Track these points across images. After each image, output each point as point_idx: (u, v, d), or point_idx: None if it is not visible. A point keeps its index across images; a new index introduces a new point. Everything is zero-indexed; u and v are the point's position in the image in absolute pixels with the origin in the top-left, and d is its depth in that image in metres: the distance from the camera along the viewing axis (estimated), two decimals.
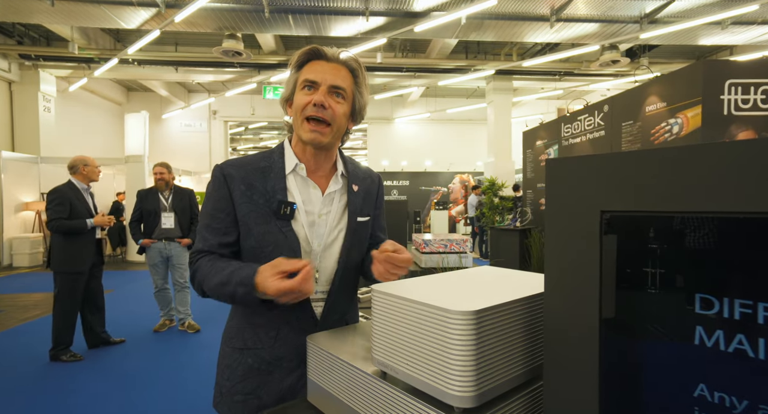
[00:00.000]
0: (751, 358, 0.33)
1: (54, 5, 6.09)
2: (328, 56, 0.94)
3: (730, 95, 2.47)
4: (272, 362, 0.92)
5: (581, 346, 0.42)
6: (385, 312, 0.57)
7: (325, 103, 0.89)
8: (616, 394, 0.41)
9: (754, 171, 0.32)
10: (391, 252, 0.87)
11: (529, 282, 0.64)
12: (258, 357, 0.92)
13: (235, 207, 0.92)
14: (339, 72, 0.93)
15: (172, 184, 3.96)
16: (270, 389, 0.91)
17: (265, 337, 0.93)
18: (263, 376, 0.92)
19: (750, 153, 0.33)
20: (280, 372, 0.92)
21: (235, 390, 0.93)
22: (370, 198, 1.06)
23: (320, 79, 0.90)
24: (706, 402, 0.36)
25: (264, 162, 0.96)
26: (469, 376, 0.46)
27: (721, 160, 0.34)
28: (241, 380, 0.93)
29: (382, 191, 1.12)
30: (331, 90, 0.91)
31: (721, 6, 6.25)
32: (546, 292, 0.45)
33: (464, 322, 0.46)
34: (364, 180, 1.05)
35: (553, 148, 4.47)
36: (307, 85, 0.91)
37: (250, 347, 0.93)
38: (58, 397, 2.70)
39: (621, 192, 0.41)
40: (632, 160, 0.40)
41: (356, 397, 0.61)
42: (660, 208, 0.39)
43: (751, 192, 0.32)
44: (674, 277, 0.38)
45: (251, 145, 20.64)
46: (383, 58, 8.76)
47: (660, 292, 0.39)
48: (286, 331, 0.93)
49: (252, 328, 0.94)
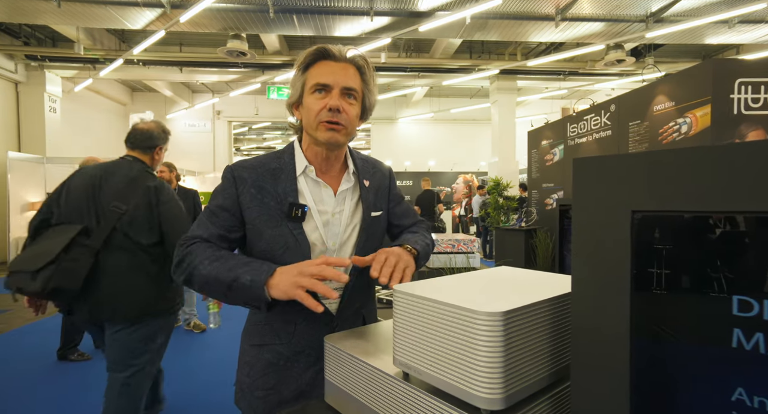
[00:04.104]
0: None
1: (60, 6, 6.12)
2: (335, 56, 0.91)
3: (740, 94, 2.45)
4: (290, 357, 0.93)
5: (611, 348, 0.41)
6: (407, 312, 0.56)
7: (340, 106, 0.89)
8: (647, 397, 0.41)
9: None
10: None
11: (551, 282, 0.63)
12: (276, 353, 0.93)
13: (243, 210, 0.91)
14: (348, 71, 0.92)
15: (176, 184, 3.96)
16: (289, 384, 0.92)
17: (283, 333, 0.94)
18: (282, 372, 0.93)
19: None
20: (299, 367, 0.93)
21: (254, 386, 0.94)
22: (382, 192, 1.06)
23: (332, 82, 0.89)
24: (745, 406, 0.35)
25: (275, 163, 0.95)
26: (498, 377, 0.46)
27: (762, 158, 0.34)
28: (260, 376, 0.93)
29: (394, 183, 1.12)
30: (343, 92, 0.90)
31: (727, 4, 6.21)
32: (573, 292, 0.45)
33: (492, 323, 0.45)
34: (374, 175, 1.05)
35: (559, 147, 4.45)
36: (319, 88, 0.90)
37: (268, 343, 0.94)
38: (67, 395, 2.72)
39: (652, 191, 0.40)
40: (665, 159, 0.39)
41: (377, 399, 0.61)
42: (693, 208, 0.38)
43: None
44: (710, 278, 0.37)
45: (255, 145, 20.69)
46: (387, 58, 8.76)
47: (694, 293, 0.38)
48: (303, 327, 0.93)
49: (270, 324, 0.95)
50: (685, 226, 0.39)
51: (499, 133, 10.17)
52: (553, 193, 4.50)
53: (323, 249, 0.94)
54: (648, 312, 0.40)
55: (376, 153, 13.97)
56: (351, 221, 0.98)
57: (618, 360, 0.41)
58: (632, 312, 0.40)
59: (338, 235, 0.96)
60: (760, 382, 0.35)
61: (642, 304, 0.40)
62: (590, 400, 0.43)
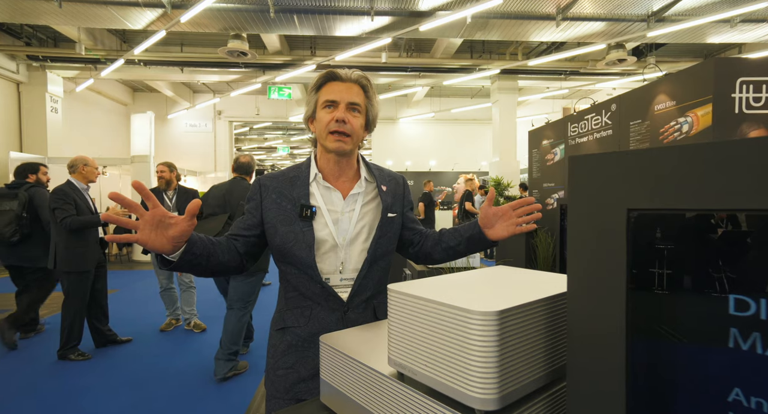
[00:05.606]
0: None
1: (62, 7, 6.14)
2: (342, 77, 1.09)
3: (741, 93, 2.44)
4: (307, 339, 1.05)
5: (607, 347, 0.41)
6: (402, 312, 0.56)
7: (345, 118, 1.05)
8: (643, 397, 0.40)
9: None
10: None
11: (548, 281, 0.63)
12: (295, 335, 1.06)
13: (263, 212, 1.10)
14: (353, 90, 1.08)
15: (176, 184, 3.96)
16: (306, 364, 1.04)
17: (300, 317, 1.07)
18: (300, 352, 1.05)
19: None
20: (314, 348, 1.04)
21: (277, 365, 1.07)
22: (397, 197, 1.19)
23: (339, 98, 1.06)
24: (742, 407, 0.35)
25: (294, 172, 1.13)
26: (492, 378, 0.45)
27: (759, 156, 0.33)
28: (282, 356, 1.07)
29: (408, 190, 1.26)
30: (348, 106, 1.07)
31: (729, 3, 6.18)
32: (569, 292, 0.44)
33: (487, 322, 0.45)
34: (389, 181, 1.20)
35: (560, 147, 4.43)
36: (328, 104, 1.07)
37: (289, 326, 1.08)
38: (67, 395, 2.72)
39: (648, 189, 0.39)
40: (661, 157, 0.39)
41: (372, 399, 0.61)
42: (690, 206, 0.38)
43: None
44: (707, 277, 0.37)
45: (256, 145, 20.69)
46: (388, 58, 8.75)
47: (691, 292, 0.38)
48: (317, 311, 1.06)
49: (290, 310, 1.09)
50: (681, 224, 0.39)
51: (500, 132, 10.16)
52: (554, 192, 4.49)
53: (333, 244, 1.07)
54: (644, 311, 0.40)
55: (377, 153, 13.96)
56: (361, 220, 1.11)
57: (614, 360, 0.40)
58: (628, 311, 0.40)
59: (348, 232, 1.09)
60: (757, 382, 0.34)
61: (638, 303, 0.40)
62: (586, 401, 0.43)
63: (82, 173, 3.38)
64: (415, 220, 1.26)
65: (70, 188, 3.28)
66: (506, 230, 1.09)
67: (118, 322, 3.96)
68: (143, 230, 0.84)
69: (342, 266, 1.07)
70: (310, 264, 1.03)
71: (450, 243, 1.17)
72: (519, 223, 1.08)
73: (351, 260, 1.08)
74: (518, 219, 1.09)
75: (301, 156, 22.95)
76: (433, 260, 1.22)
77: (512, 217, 1.09)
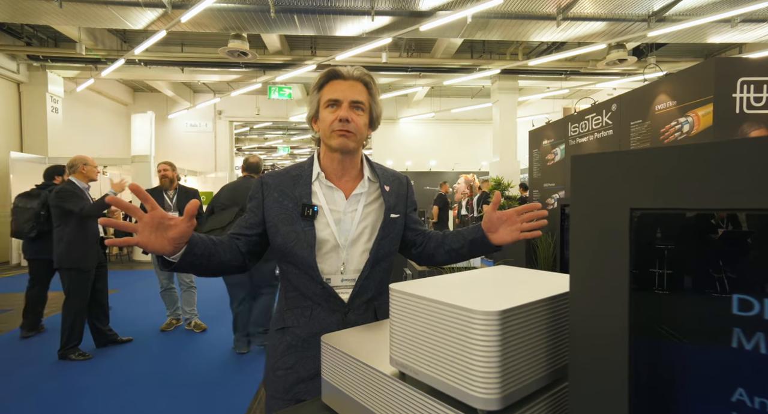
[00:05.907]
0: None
1: (62, 6, 6.14)
2: (344, 75, 1.06)
3: (742, 93, 2.44)
4: (307, 339, 1.03)
5: (610, 347, 0.41)
6: (403, 311, 0.56)
7: (348, 117, 1.03)
8: (646, 397, 0.40)
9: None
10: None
11: (549, 281, 0.63)
12: (295, 335, 1.04)
13: (265, 210, 1.08)
14: (355, 88, 1.06)
15: (177, 184, 3.97)
16: (306, 364, 1.02)
17: (301, 317, 1.05)
18: (300, 353, 1.03)
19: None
20: (314, 349, 1.02)
21: (276, 366, 1.05)
22: (401, 198, 1.17)
23: (341, 97, 1.04)
24: (746, 407, 0.35)
25: (296, 171, 1.11)
26: (494, 377, 0.45)
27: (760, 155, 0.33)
28: (281, 357, 1.05)
29: (412, 191, 1.24)
30: (351, 105, 1.04)
31: (730, 3, 6.18)
32: (571, 291, 0.44)
33: (489, 322, 0.45)
34: (393, 182, 1.17)
35: (560, 147, 4.43)
36: (331, 103, 1.05)
37: (289, 326, 1.06)
38: (67, 395, 2.72)
39: (651, 189, 0.39)
40: (663, 156, 0.39)
41: (373, 399, 0.60)
42: (692, 205, 0.37)
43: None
44: (710, 276, 0.37)
45: (256, 145, 20.70)
46: (388, 58, 8.75)
47: (694, 291, 0.38)
48: (318, 312, 1.04)
49: (290, 310, 1.07)
50: (682, 224, 0.39)
51: (501, 132, 10.15)
52: (555, 192, 4.49)
53: (335, 244, 1.05)
54: (647, 311, 0.40)
55: (378, 153, 13.96)
56: (363, 221, 1.09)
57: (616, 360, 0.40)
58: (631, 311, 0.39)
59: (350, 232, 1.07)
60: (760, 383, 0.34)
61: (641, 302, 0.40)
62: (588, 401, 0.43)
63: (82, 172, 3.39)
64: (418, 221, 1.24)
65: (72, 187, 3.29)
66: (510, 235, 1.07)
67: (119, 322, 3.96)
68: (143, 232, 0.83)
69: (343, 267, 1.06)
70: (311, 264, 1.02)
71: (453, 245, 1.15)
72: (523, 229, 1.06)
73: (352, 261, 1.07)
74: (523, 224, 1.06)
75: (301, 156, 22.95)
76: (435, 262, 1.21)
77: (516, 223, 1.07)
